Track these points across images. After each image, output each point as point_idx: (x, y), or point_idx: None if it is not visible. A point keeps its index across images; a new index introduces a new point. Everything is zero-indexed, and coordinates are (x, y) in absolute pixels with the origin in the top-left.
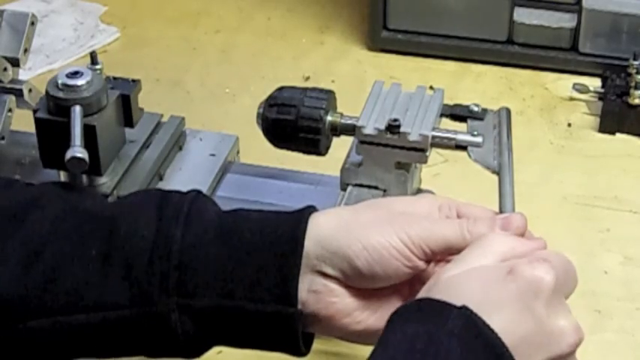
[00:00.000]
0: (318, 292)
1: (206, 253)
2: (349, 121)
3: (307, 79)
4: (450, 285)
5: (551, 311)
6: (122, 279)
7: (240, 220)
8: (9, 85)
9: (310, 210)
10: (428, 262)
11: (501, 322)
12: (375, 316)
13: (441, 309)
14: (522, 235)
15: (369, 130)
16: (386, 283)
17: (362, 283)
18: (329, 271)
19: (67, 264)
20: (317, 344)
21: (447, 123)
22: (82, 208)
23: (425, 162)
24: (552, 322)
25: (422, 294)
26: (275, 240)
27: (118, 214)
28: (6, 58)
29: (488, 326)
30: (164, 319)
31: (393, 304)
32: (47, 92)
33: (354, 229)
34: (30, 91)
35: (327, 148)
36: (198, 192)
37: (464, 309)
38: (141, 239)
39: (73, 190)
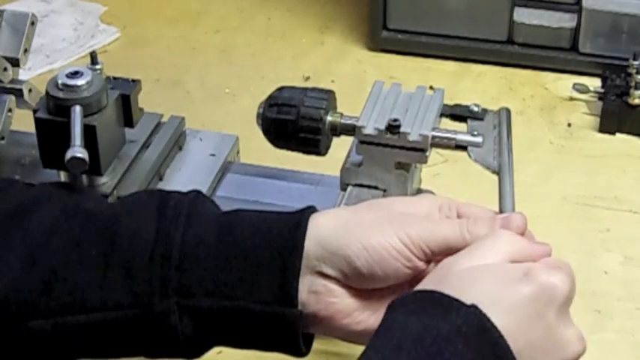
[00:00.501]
0: (318, 293)
1: (206, 254)
2: (349, 121)
3: (307, 79)
4: (461, 280)
5: (560, 320)
6: (122, 280)
7: (240, 221)
8: (9, 85)
9: (310, 210)
10: (428, 262)
11: (510, 324)
12: (375, 317)
13: (449, 304)
14: (522, 234)
15: (369, 130)
16: (386, 283)
17: (362, 284)
18: (329, 271)
19: (67, 265)
20: (317, 344)
21: (447, 123)
22: (82, 209)
23: (425, 162)
24: (560, 331)
25: (429, 285)
26: (275, 241)
27: (118, 215)
28: (6, 58)
29: (495, 328)
30: (164, 319)
31: None
32: (47, 92)
33: (354, 230)
34: (30, 91)
35: (327, 148)
36: (198, 192)
37: (473, 308)
38: (141, 240)
39: (72, 190)
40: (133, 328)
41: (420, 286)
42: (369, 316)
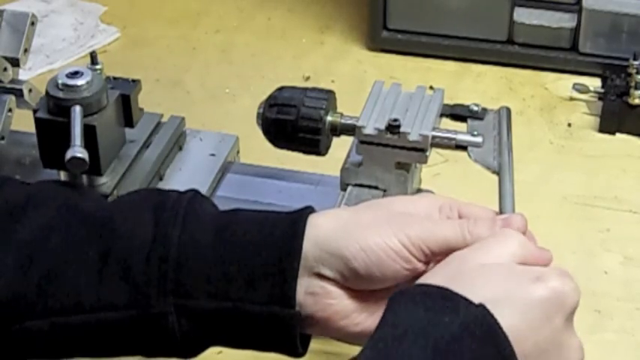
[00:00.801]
0: (316, 294)
1: (204, 254)
2: (349, 121)
3: (307, 79)
4: (474, 277)
5: (565, 327)
6: (119, 280)
7: (238, 221)
8: (9, 85)
9: (309, 211)
10: (427, 263)
11: (522, 324)
12: (372, 318)
13: (457, 302)
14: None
15: (369, 130)
16: (384, 284)
17: (360, 285)
18: (327, 272)
19: (64, 264)
20: (315, 344)
21: (447, 123)
22: (79, 208)
23: (425, 162)
24: (565, 338)
25: (438, 279)
26: (273, 241)
27: (115, 214)
28: (6, 58)
29: (502, 330)
30: (161, 320)
31: None
32: (47, 92)
33: (353, 231)
34: (30, 91)
35: (327, 148)
36: (196, 192)
37: (481, 307)
38: (138, 240)
39: (69, 189)
40: (130, 329)
41: (429, 280)
42: (366, 318)
